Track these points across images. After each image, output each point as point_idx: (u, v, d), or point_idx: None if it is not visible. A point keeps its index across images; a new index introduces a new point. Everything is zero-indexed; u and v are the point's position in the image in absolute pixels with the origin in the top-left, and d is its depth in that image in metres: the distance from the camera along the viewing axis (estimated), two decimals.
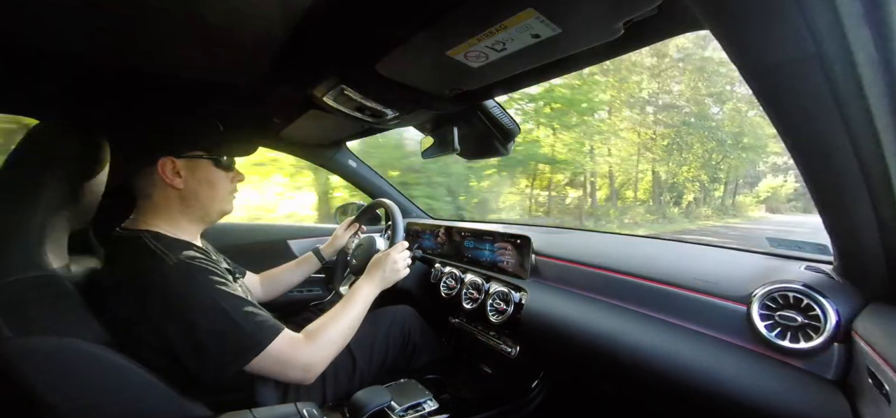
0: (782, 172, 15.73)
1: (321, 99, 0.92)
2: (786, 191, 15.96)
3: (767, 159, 14.49)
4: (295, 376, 0.76)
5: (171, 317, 0.67)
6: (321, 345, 0.79)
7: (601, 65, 7.48)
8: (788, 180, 15.55)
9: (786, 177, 15.72)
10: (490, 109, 1.07)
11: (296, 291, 1.61)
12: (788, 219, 13.55)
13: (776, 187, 16.13)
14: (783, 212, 15.60)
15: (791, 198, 15.78)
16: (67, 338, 0.61)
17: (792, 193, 15.65)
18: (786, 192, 16.00)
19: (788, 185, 15.71)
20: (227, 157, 0.85)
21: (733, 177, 14.51)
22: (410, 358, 1.21)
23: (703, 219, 12.72)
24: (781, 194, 16.05)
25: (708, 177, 13.45)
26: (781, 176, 15.90)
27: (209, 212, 0.84)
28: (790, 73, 0.43)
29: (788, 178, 15.49)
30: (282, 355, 0.72)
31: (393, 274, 1.00)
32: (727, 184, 14.70)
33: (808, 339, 0.64)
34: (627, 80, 10.70)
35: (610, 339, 0.86)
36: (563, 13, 0.53)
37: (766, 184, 16.36)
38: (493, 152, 1.23)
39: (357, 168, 1.77)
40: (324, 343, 0.80)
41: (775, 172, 16.06)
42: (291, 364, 0.74)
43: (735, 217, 13.93)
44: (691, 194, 13.34)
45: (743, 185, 15.97)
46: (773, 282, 0.70)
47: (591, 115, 8.74)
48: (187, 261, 0.70)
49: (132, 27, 0.68)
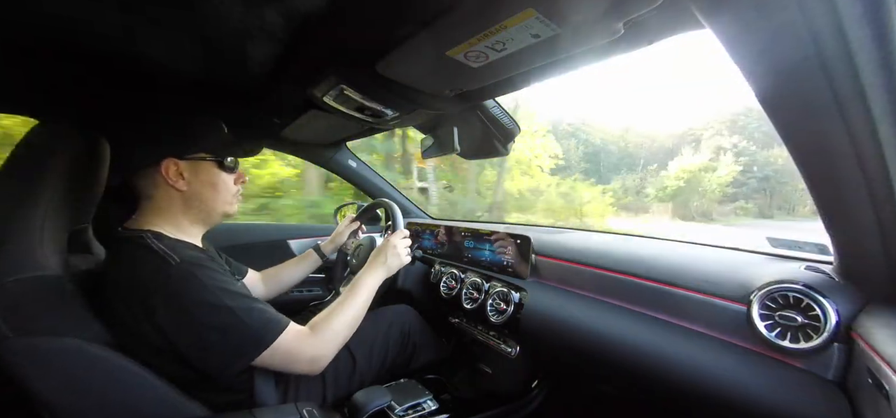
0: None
1: (321, 99, 0.92)
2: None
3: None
4: (302, 369, 0.76)
5: (176, 317, 0.67)
6: (327, 337, 0.80)
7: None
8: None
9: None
10: (490, 109, 1.07)
11: (296, 291, 1.62)
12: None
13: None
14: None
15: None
16: (67, 338, 0.61)
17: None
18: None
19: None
20: (231, 158, 0.85)
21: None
22: (410, 358, 1.21)
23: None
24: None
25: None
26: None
27: (212, 214, 0.84)
28: (790, 74, 0.43)
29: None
30: (289, 349, 0.73)
31: (395, 260, 1.00)
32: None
33: (808, 339, 0.64)
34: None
35: (610, 339, 0.86)
36: (563, 13, 0.53)
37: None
38: (494, 152, 1.23)
39: (357, 168, 1.77)
40: (330, 335, 0.80)
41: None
42: (299, 357, 0.75)
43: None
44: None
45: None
46: (773, 282, 0.70)
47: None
48: (190, 261, 0.70)
49: (134, 28, 0.69)
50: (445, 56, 0.68)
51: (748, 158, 12.49)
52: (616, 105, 46.67)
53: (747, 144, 12.23)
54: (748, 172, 11.62)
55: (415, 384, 1.09)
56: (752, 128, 12.22)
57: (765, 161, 11.75)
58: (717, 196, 11.98)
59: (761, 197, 11.20)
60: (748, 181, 11.80)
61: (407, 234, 1.07)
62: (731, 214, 11.13)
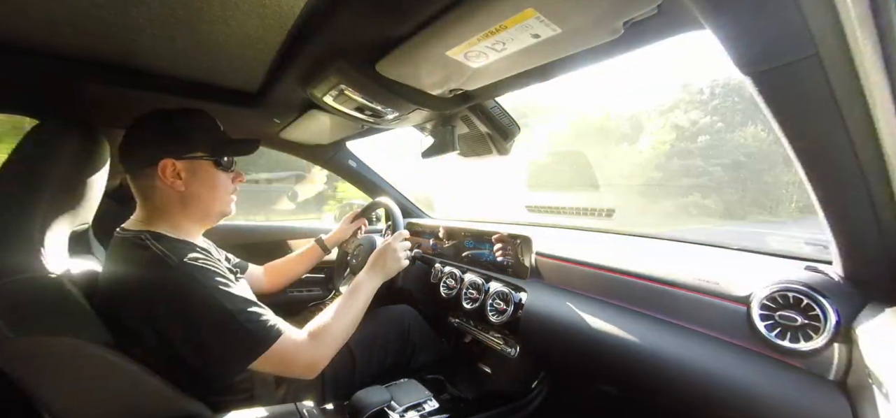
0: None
1: (321, 99, 0.92)
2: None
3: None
4: (298, 373, 0.76)
5: (175, 318, 0.67)
6: (324, 342, 0.80)
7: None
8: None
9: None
10: (490, 109, 1.07)
11: (296, 291, 1.62)
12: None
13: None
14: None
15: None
16: (67, 338, 0.61)
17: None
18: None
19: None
20: (228, 158, 0.84)
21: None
22: (410, 358, 1.21)
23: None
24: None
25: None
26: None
27: (210, 214, 0.84)
28: (790, 74, 0.43)
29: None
30: (285, 354, 0.72)
31: (394, 263, 1.00)
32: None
33: (808, 339, 0.64)
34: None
35: (610, 339, 0.86)
36: (563, 13, 0.53)
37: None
38: (493, 152, 1.23)
39: (357, 168, 1.77)
40: (327, 340, 0.80)
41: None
42: (295, 362, 0.75)
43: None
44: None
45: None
46: (773, 282, 0.70)
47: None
48: (190, 262, 0.70)
49: (133, 27, 0.69)
50: (445, 56, 0.68)
51: (711, 138, 9.00)
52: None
53: (711, 120, 8.58)
54: (713, 156, 8.03)
55: (415, 384, 1.09)
56: (716, 105, 8.74)
57: (737, 144, 8.43)
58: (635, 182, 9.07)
59: (732, 191, 8.37)
60: (711, 169, 8.53)
61: (406, 236, 1.07)
62: (683, 213, 8.07)
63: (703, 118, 9.41)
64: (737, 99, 8.57)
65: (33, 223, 0.66)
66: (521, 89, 0.87)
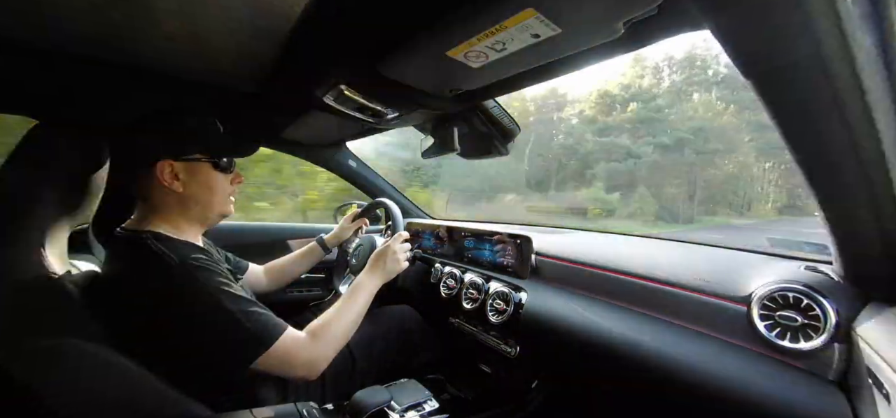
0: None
1: (321, 99, 0.92)
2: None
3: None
4: (299, 374, 0.76)
5: (175, 319, 0.67)
6: (325, 343, 0.79)
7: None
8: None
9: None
10: (490, 109, 1.07)
11: (296, 291, 1.62)
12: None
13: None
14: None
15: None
16: (67, 338, 0.61)
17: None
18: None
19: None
20: (227, 159, 0.84)
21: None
22: (410, 358, 1.21)
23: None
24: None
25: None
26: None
27: (208, 215, 0.84)
28: (790, 74, 0.43)
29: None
30: (286, 354, 0.72)
31: (394, 265, 1.00)
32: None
33: (808, 339, 0.64)
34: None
35: (610, 339, 0.86)
36: (563, 13, 0.53)
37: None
38: (494, 152, 1.23)
39: (357, 168, 1.77)
40: (328, 340, 0.80)
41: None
42: (296, 362, 0.74)
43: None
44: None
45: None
46: (773, 282, 0.70)
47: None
48: (190, 262, 0.70)
49: (133, 27, 0.69)
50: (445, 56, 0.68)
51: (641, 105, 6.13)
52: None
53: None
54: (639, 133, 5.29)
55: (415, 384, 1.08)
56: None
57: (682, 118, 5.52)
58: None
59: (676, 184, 6.15)
60: (639, 152, 5.80)
61: (406, 237, 1.07)
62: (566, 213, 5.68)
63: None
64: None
65: (33, 223, 0.66)
66: (521, 89, 0.87)
